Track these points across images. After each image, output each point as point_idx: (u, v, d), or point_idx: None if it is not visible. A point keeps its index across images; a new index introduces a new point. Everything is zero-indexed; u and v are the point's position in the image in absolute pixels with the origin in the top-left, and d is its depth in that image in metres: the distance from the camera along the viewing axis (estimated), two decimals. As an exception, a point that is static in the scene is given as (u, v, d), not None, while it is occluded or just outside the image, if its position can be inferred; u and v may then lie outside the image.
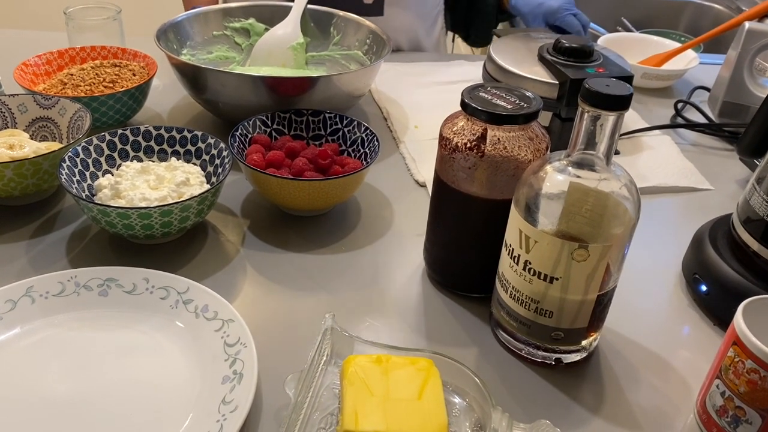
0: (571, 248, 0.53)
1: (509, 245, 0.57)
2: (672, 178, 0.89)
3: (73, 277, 0.63)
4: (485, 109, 0.58)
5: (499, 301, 0.61)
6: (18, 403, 0.54)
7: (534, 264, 0.55)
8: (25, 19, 2.85)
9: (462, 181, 0.61)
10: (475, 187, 0.60)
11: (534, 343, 0.59)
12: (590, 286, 0.55)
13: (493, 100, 0.59)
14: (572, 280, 0.54)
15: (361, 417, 0.50)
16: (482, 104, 0.58)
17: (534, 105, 0.59)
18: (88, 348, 0.59)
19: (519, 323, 0.59)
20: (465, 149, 0.59)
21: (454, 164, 0.60)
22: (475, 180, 0.60)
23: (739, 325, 0.50)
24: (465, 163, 0.60)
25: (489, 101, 0.59)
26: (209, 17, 1.03)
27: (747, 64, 1.01)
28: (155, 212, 0.64)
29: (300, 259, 0.72)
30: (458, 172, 0.61)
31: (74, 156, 0.72)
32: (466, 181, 0.61)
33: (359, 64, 1.03)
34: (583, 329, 0.58)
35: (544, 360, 0.60)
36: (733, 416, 0.52)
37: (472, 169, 0.60)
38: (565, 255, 0.53)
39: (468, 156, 0.59)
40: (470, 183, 0.60)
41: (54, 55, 0.94)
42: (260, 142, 0.78)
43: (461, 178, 0.61)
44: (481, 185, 0.60)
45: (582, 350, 0.60)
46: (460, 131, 0.60)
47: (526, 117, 0.58)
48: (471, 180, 0.60)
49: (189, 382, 0.56)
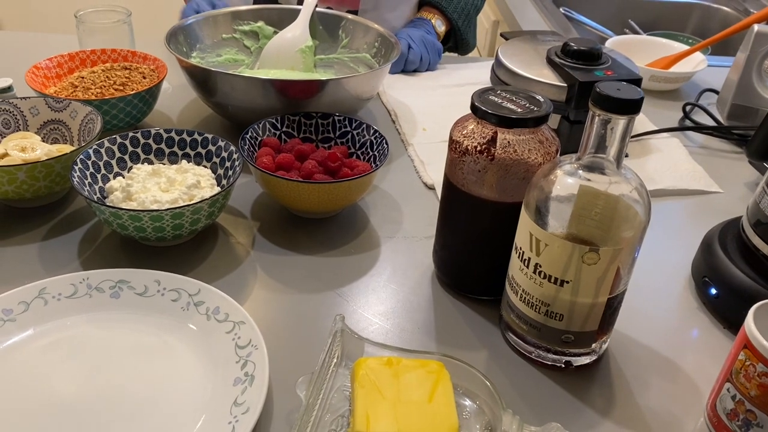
0: (581, 251, 0.53)
1: (520, 248, 0.57)
2: (681, 181, 0.89)
3: (85, 279, 0.64)
4: (495, 113, 0.58)
5: (509, 304, 0.61)
6: (31, 404, 0.54)
7: (544, 267, 0.55)
8: (36, 22, 2.86)
9: (472, 184, 0.61)
10: (485, 190, 0.61)
11: (544, 346, 0.59)
12: (600, 289, 0.55)
13: (503, 104, 0.59)
14: (582, 283, 0.54)
15: (372, 419, 0.50)
16: (492, 107, 0.58)
17: (544, 108, 0.59)
18: (100, 349, 0.59)
19: (529, 326, 0.59)
20: (475, 152, 0.59)
21: (464, 167, 0.61)
22: (485, 183, 0.60)
23: (750, 328, 0.50)
24: (475, 166, 0.60)
25: (499, 104, 0.59)
26: (218, 20, 1.04)
27: (756, 66, 1.01)
28: (167, 215, 0.65)
29: (310, 261, 0.72)
30: (468, 175, 0.61)
31: (86, 158, 0.72)
32: (476, 184, 0.61)
33: (368, 67, 1.03)
34: (594, 332, 0.58)
35: (554, 363, 0.60)
36: (744, 420, 0.52)
37: (482, 172, 0.60)
38: (576, 258, 0.53)
39: (478, 159, 0.59)
40: (480, 186, 0.61)
41: (65, 58, 0.95)
42: (270, 145, 0.79)
43: (471, 181, 0.61)
44: (491, 188, 0.60)
45: (592, 353, 0.60)
46: (470, 134, 0.60)
47: (536, 120, 0.58)
48: (481, 183, 0.60)
49: (201, 384, 0.57)
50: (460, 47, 1.26)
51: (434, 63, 1.16)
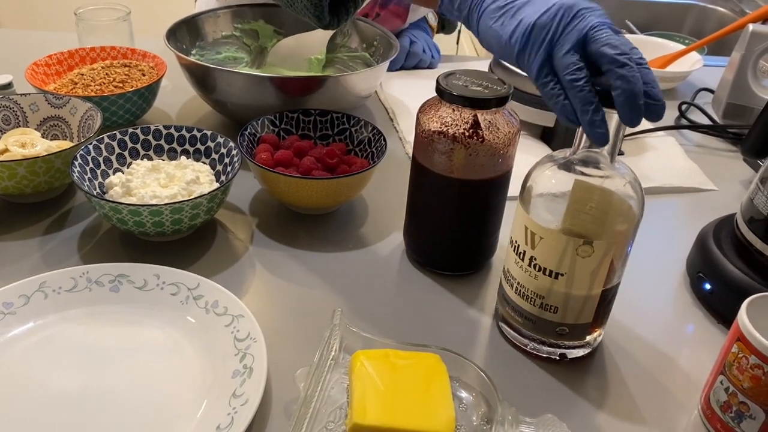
0: (575, 244, 0.54)
1: (515, 242, 0.58)
2: (676, 178, 0.90)
3: (85, 273, 0.64)
4: (462, 95, 0.60)
5: (504, 297, 0.62)
6: (31, 396, 0.55)
7: (539, 260, 0.56)
8: (36, 19, 2.87)
9: (440, 165, 0.63)
10: (454, 170, 0.63)
11: (539, 339, 0.60)
12: (595, 282, 0.56)
13: (469, 87, 0.61)
14: (577, 275, 0.55)
15: (369, 411, 0.51)
16: (463, 91, 0.60)
17: (507, 88, 0.61)
18: (100, 343, 0.60)
19: (524, 319, 0.60)
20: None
21: (434, 149, 0.63)
22: (453, 163, 0.63)
23: (743, 321, 0.51)
24: (443, 148, 0.62)
25: (466, 87, 0.61)
26: (219, 18, 1.04)
27: (751, 66, 1.02)
28: (166, 209, 0.65)
29: (308, 256, 0.73)
30: (436, 156, 0.63)
31: (86, 154, 0.73)
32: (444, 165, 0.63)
33: (366, 65, 1.04)
34: (588, 324, 0.59)
35: (549, 355, 0.61)
36: (737, 412, 0.52)
37: (450, 153, 0.62)
38: (570, 251, 0.54)
39: (444, 140, 0.61)
40: (449, 166, 0.63)
41: (65, 55, 0.95)
42: (269, 142, 0.79)
43: (439, 161, 0.63)
44: (459, 168, 0.63)
45: (586, 345, 0.61)
46: (450, 121, 0.62)
47: (500, 100, 0.60)
48: (449, 163, 0.63)
49: (200, 377, 0.57)
50: (446, 27, 1.29)
51: (436, 60, 1.17)
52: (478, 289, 0.69)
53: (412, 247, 0.72)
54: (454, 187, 0.64)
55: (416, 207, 0.69)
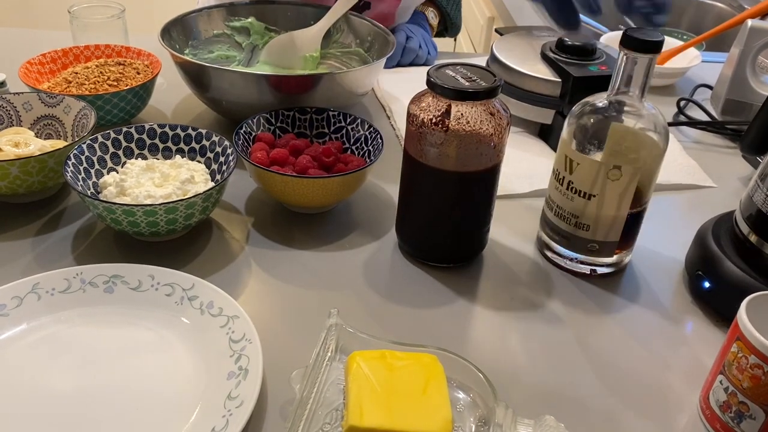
0: (606, 168, 0.63)
1: (556, 170, 0.68)
2: (675, 175, 0.89)
3: (79, 274, 0.64)
4: (449, 86, 0.61)
5: (545, 220, 0.71)
6: (25, 398, 0.54)
7: (576, 183, 0.65)
8: (29, 17, 2.85)
9: (430, 156, 0.64)
10: (442, 161, 0.64)
11: (573, 258, 0.70)
12: (622, 203, 0.65)
13: (457, 78, 0.62)
14: (607, 197, 0.64)
15: (365, 412, 0.50)
16: (447, 82, 0.61)
17: (494, 82, 0.62)
18: (94, 344, 0.59)
19: (560, 237, 0.69)
20: (431, 124, 0.62)
21: (422, 140, 0.64)
22: (441, 154, 0.63)
23: (743, 320, 0.51)
24: (432, 139, 0.63)
25: (454, 78, 0.62)
26: (212, 15, 1.03)
27: (749, 61, 1.02)
28: (160, 209, 0.65)
29: (304, 255, 0.72)
30: (426, 147, 0.64)
31: (79, 154, 0.72)
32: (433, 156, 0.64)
33: (361, 62, 1.03)
34: (615, 243, 0.68)
35: (581, 270, 0.70)
36: (737, 411, 0.52)
37: (439, 144, 0.63)
38: (602, 175, 0.64)
39: (434, 131, 0.62)
40: (437, 157, 0.64)
41: (58, 54, 0.94)
42: (264, 140, 0.79)
43: (429, 153, 0.64)
44: (446, 159, 0.64)
45: (614, 265, 0.70)
46: (426, 108, 0.63)
47: (486, 93, 0.61)
48: (437, 155, 0.63)
49: (194, 378, 0.57)
50: (450, 30, 1.28)
51: (432, 57, 1.16)
52: (472, 281, 0.70)
53: (404, 239, 0.73)
54: (436, 176, 0.65)
55: (406, 198, 0.70)
